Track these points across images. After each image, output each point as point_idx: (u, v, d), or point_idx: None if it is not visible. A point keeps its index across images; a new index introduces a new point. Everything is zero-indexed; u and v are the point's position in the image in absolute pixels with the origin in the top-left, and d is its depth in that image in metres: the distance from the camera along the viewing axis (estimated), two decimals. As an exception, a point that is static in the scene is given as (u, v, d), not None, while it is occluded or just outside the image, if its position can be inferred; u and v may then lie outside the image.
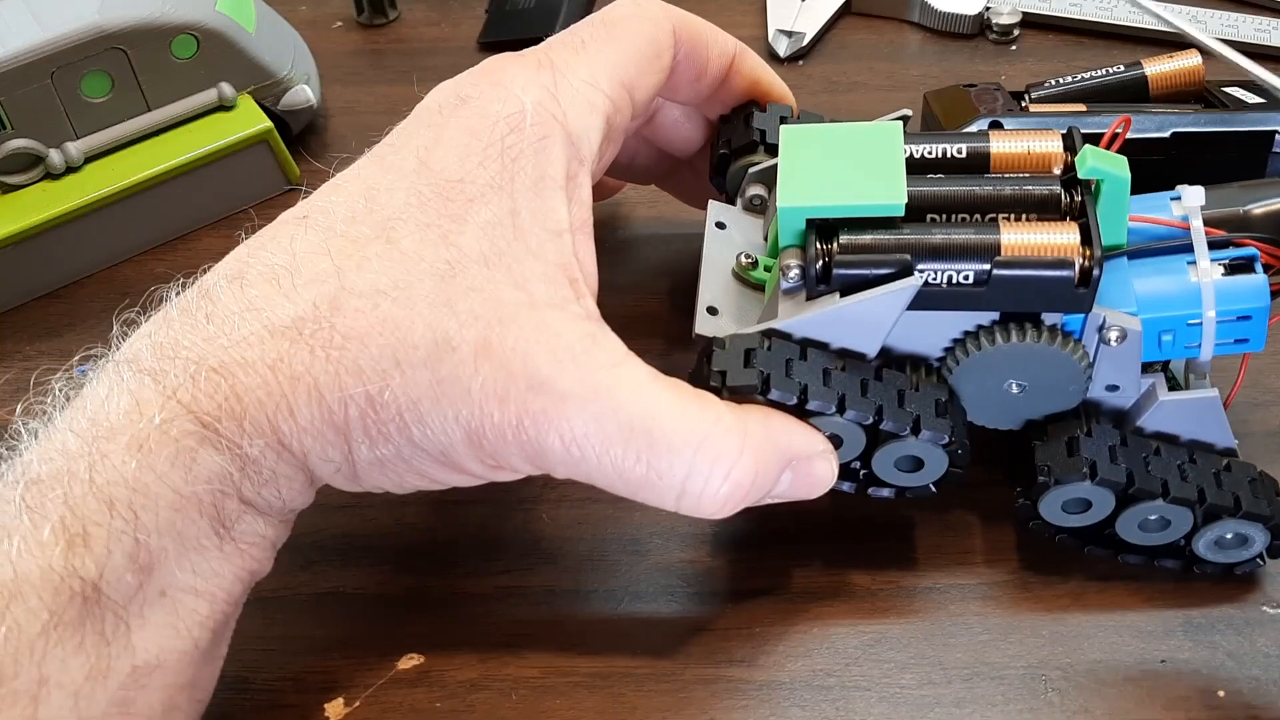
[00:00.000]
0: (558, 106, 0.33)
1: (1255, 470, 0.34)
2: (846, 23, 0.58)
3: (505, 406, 0.29)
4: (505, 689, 0.34)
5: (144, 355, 0.29)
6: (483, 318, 0.29)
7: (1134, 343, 0.32)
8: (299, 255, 0.30)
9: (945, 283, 0.31)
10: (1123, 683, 0.33)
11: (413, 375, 0.29)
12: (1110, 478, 0.33)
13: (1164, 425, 0.34)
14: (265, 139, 0.48)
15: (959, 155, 0.34)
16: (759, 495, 0.31)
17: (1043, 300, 0.31)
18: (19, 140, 0.44)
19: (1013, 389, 0.33)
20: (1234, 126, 0.43)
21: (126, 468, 0.27)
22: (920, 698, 0.33)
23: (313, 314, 0.29)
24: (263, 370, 0.29)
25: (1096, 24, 0.55)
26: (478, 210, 0.31)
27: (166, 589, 0.28)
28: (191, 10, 0.45)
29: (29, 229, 0.45)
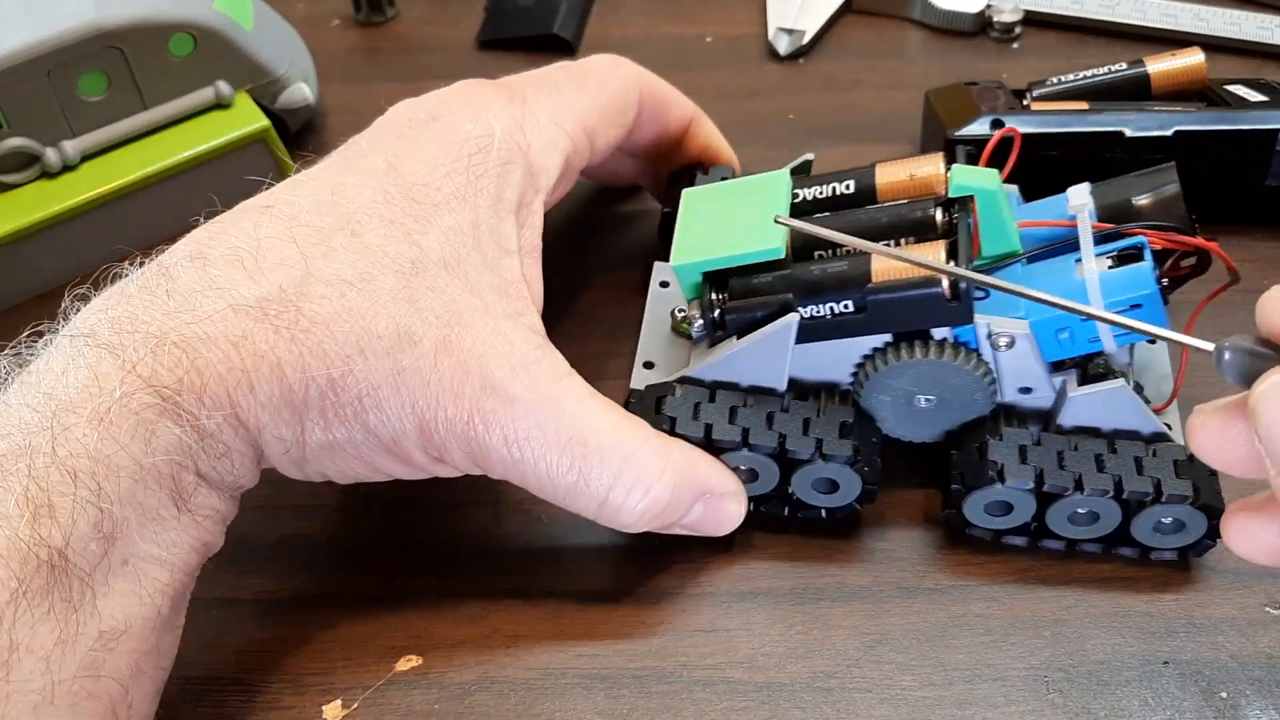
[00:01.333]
0: (524, 137, 0.35)
1: (1185, 452, 0.34)
2: (847, 20, 0.58)
3: (459, 402, 0.31)
4: (504, 690, 0.34)
5: (101, 329, 0.30)
6: (442, 317, 0.31)
7: (1025, 346, 0.33)
8: (263, 240, 0.31)
9: (829, 314, 0.33)
10: (1125, 684, 0.33)
11: (376, 362, 0.31)
12: (1018, 478, 0.34)
13: (1082, 420, 0.35)
14: (263, 137, 0.48)
15: (847, 191, 0.36)
16: (671, 518, 0.34)
17: (922, 318, 0.33)
18: (15, 139, 0.44)
19: (922, 403, 0.35)
20: (1237, 125, 0.43)
21: (89, 440, 0.28)
22: (922, 699, 0.33)
23: (279, 295, 0.30)
24: (225, 346, 0.30)
25: (1099, 22, 0.55)
26: (441, 216, 0.33)
27: (129, 557, 0.29)
28: (188, 8, 0.45)
29: (25, 228, 0.44)
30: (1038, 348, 0.34)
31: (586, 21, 0.58)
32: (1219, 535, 0.33)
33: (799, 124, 0.51)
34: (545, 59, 0.56)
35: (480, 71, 0.44)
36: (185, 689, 0.34)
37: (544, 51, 0.56)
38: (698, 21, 0.58)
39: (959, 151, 0.44)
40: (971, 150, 0.44)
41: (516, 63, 0.56)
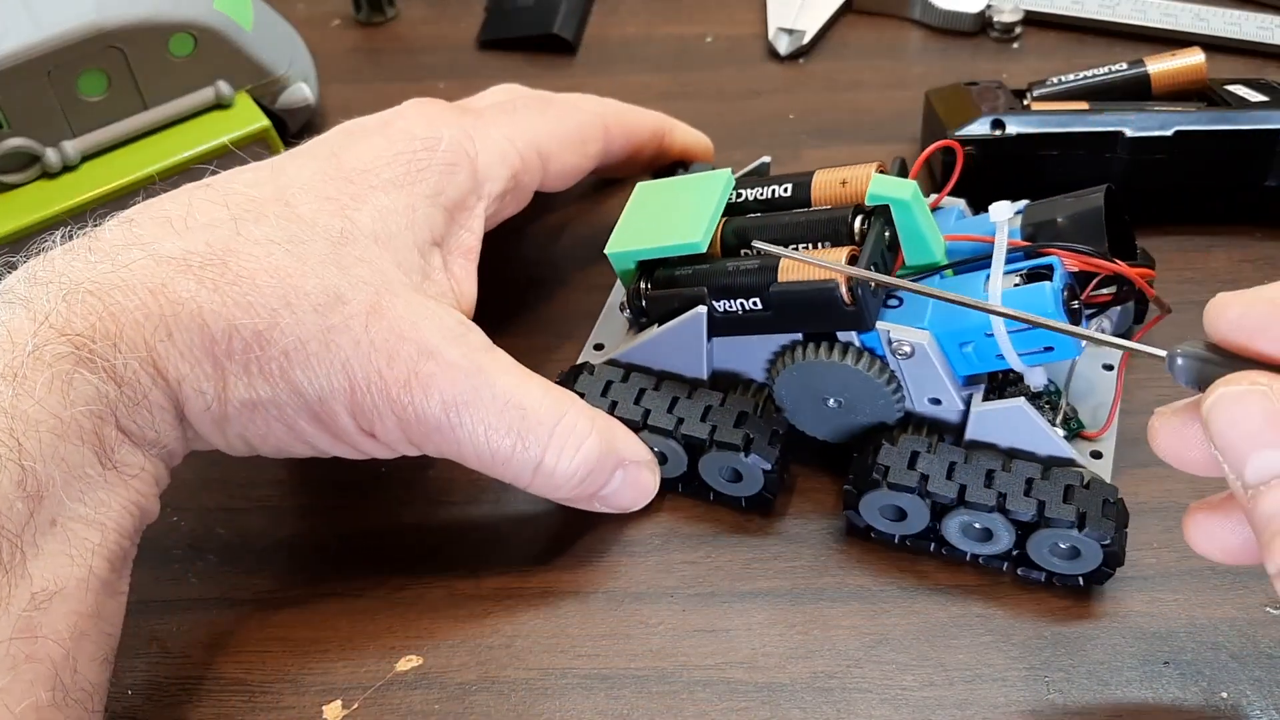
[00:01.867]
0: (472, 146, 0.36)
1: (1082, 478, 0.34)
2: (848, 20, 0.58)
3: (394, 365, 0.31)
4: (504, 690, 0.34)
5: (17, 285, 0.29)
6: (372, 284, 0.31)
7: (924, 356, 0.34)
8: (194, 205, 0.31)
9: (740, 310, 0.34)
10: (1125, 684, 0.33)
11: (303, 318, 0.30)
12: (902, 483, 0.34)
13: (985, 435, 0.35)
14: (263, 137, 0.48)
15: (785, 194, 0.37)
16: (597, 483, 0.35)
17: (823, 319, 0.34)
18: (15, 139, 0.44)
19: (832, 404, 0.36)
20: (1237, 125, 0.43)
21: (3, 396, 0.27)
22: (922, 699, 0.33)
23: (204, 250, 0.30)
24: (142, 293, 0.29)
25: (1099, 22, 0.55)
26: (377, 196, 0.33)
27: (57, 518, 0.28)
28: (189, 8, 0.45)
29: (25, 228, 0.44)
30: (943, 358, 0.34)
31: (586, 21, 0.58)
32: (1117, 565, 0.34)
33: (799, 124, 0.51)
34: (545, 59, 0.56)
35: (481, 71, 0.44)
36: (186, 688, 0.34)
37: (544, 51, 0.56)
38: (698, 21, 0.58)
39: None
40: (972, 151, 0.44)
41: (516, 63, 0.57)
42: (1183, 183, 0.44)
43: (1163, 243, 0.45)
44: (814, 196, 0.36)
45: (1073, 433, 0.36)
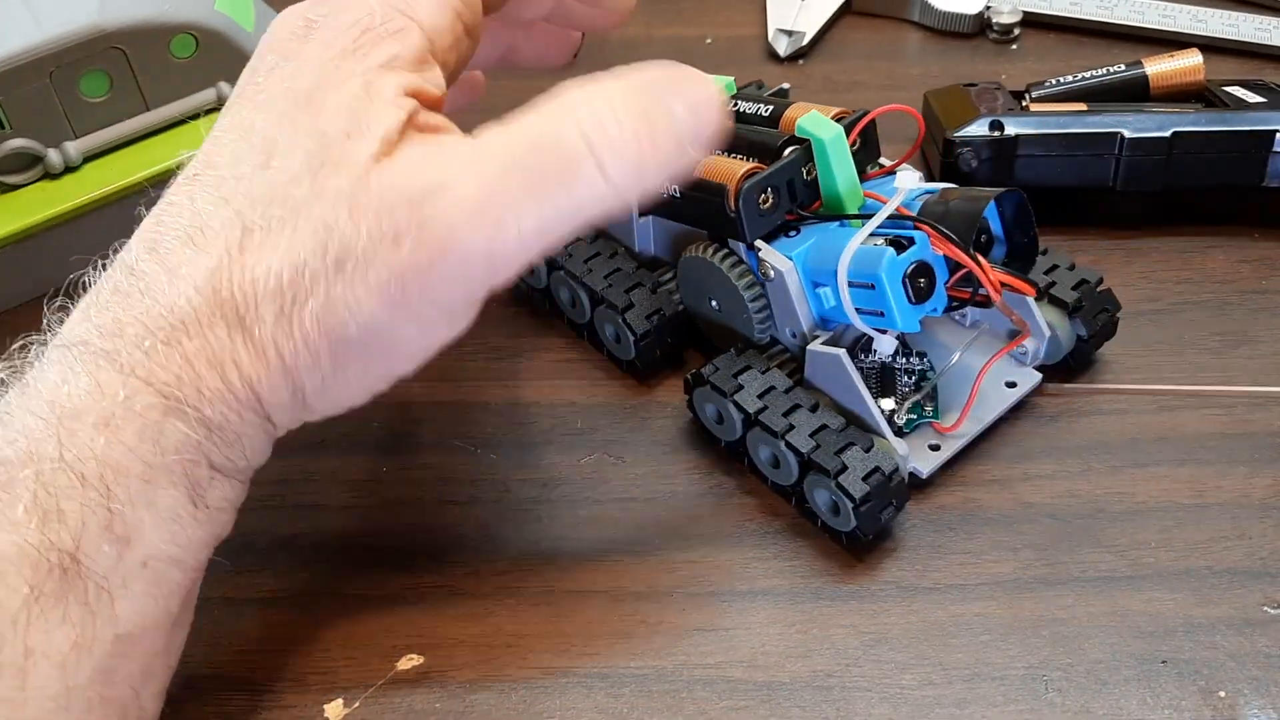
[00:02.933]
0: (405, 3, 0.32)
1: (872, 443, 0.35)
2: (847, 22, 0.58)
3: (400, 243, 0.29)
4: (504, 689, 0.34)
5: (91, 338, 0.29)
6: (344, 189, 0.30)
7: (782, 283, 0.36)
8: (202, 212, 0.31)
9: (665, 195, 0.37)
10: (1124, 683, 0.33)
11: (316, 277, 0.29)
12: (720, 385, 0.37)
13: (815, 377, 0.37)
14: (264, 138, 0.48)
15: (763, 114, 0.39)
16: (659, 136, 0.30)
17: (712, 222, 0.37)
18: (17, 140, 0.44)
19: (713, 304, 0.39)
20: (1234, 126, 0.43)
21: (95, 444, 0.28)
22: (921, 698, 0.33)
23: (225, 261, 0.30)
24: (198, 330, 0.29)
25: (1097, 23, 0.55)
26: (334, 95, 0.31)
27: (148, 560, 0.28)
28: (190, 10, 0.45)
29: (27, 229, 0.45)
30: (802, 292, 0.36)
31: (587, 23, 0.58)
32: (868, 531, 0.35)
33: (799, 125, 0.52)
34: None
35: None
36: (188, 688, 0.34)
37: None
38: (698, 23, 0.58)
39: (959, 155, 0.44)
40: (970, 153, 0.44)
41: (517, 64, 0.57)
42: (1181, 184, 0.44)
43: (1161, 243, 0.46)
44: (782, 123, 0.38)
45: (921, 419, 0.38)
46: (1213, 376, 0.41)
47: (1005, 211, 0.37)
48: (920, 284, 0.34)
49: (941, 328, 0.40)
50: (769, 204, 0.36)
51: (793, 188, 0.37)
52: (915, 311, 0.34)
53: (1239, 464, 0.38)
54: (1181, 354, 0.41)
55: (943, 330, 0.40)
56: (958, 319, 0.40)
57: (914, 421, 0.38)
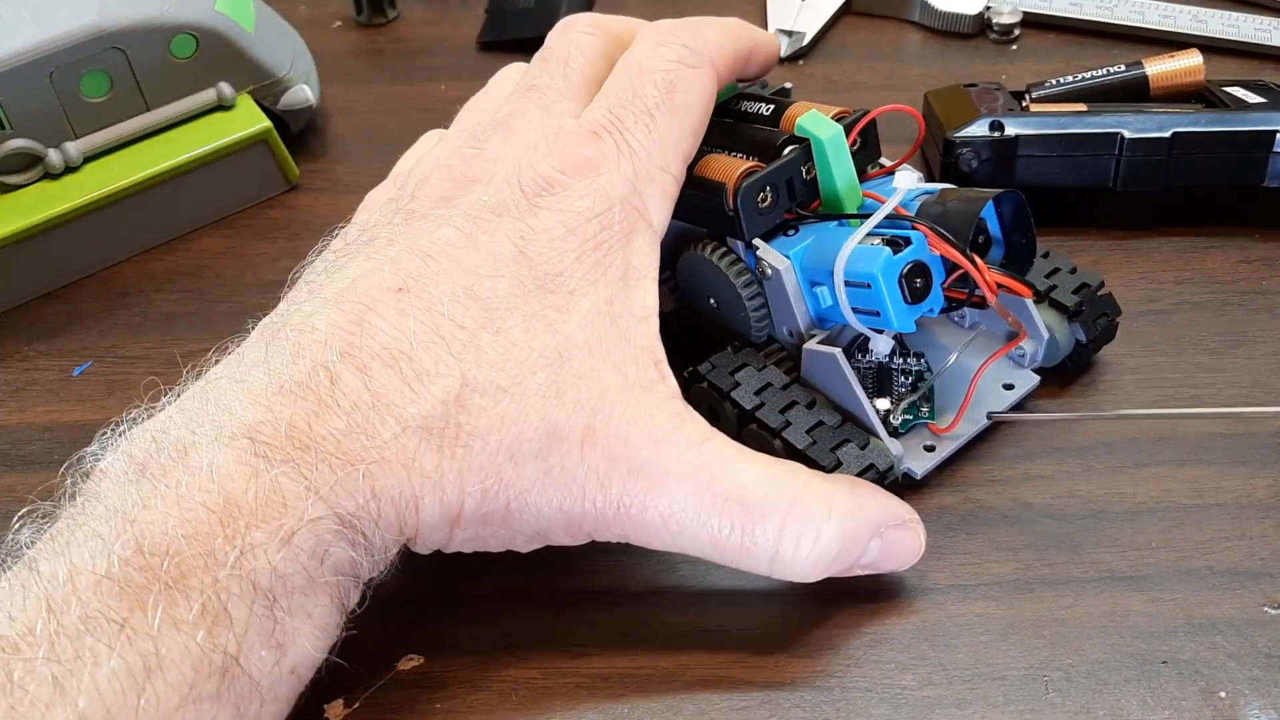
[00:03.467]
0: (640, 200, 0.35)
1: (868, 441, 0.35)
2: (847, 22, 0.58)
3: (607, 490, 0.31)
4: (505, 690, 0.34)
5: (275, 436, 0.29)
6: (587, 405, 0.32)
7: (779, 281, 0.36)
8: (414, 340, 0.31)
9: None
10: (1124, 683, 0.33)
11: (524, 467, 0.31)
12: (718, 383, 0.37)
13: (812, 375, 0.37)
14: (265, 139, 0.48)
15: (764, 113, 0.39)
16: (848, 560, 0.33)
17: (712, 219, 0.37)
18: (18, 140, 0.44)
19: (710, 303, 0.38)
20: (1235, 126, 0.43)
21: (273, 558, 0.28)
22: (921, 699, 0.33)
23: (440, 411, 0.31)
24: (398, 470, 0.30)
25: (1097, 24, 0.55)
26: (578, 302, 0.33)
27: (297, 666, 0.29)
28: (190, 10, 0.45)
29: (27, 229, 0.45)
30: (799, 291, 0.36)
31: (587, 23, 0.58)
32: None
33: (799, 125, 0.52)
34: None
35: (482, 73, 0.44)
36: (187, 688, 0.34)
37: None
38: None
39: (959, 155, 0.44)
40: (970, 153, 0.44)
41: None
42: (1181, 184, 0.44)
43: (1161, 244, 0.46)
44: (783, 122, 0.38)
45: (917, 419, 0.38)
46: (1213, 377, 0.41)
47: (1003, 213, 0.37)
48: (916, 284, 0.34)
49: (940, 328, 0.40)
50: (767, 203, 0.36)
51: (791, 187, 0.37)
52: (911, 311, 0.34)
53: (1239, 464, 0.38)
54: (1182, 354, 0.41)
55: (941, 331, 0.40)
56: (956, 320, 0.40)
57: (910, 422, 0.38)
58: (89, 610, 0.26)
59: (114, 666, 0.26)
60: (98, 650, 0.26)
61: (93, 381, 0.44)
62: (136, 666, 0.26)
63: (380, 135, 0.53)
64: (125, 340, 0.45)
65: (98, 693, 0.25)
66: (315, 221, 0.49)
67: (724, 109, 0.39)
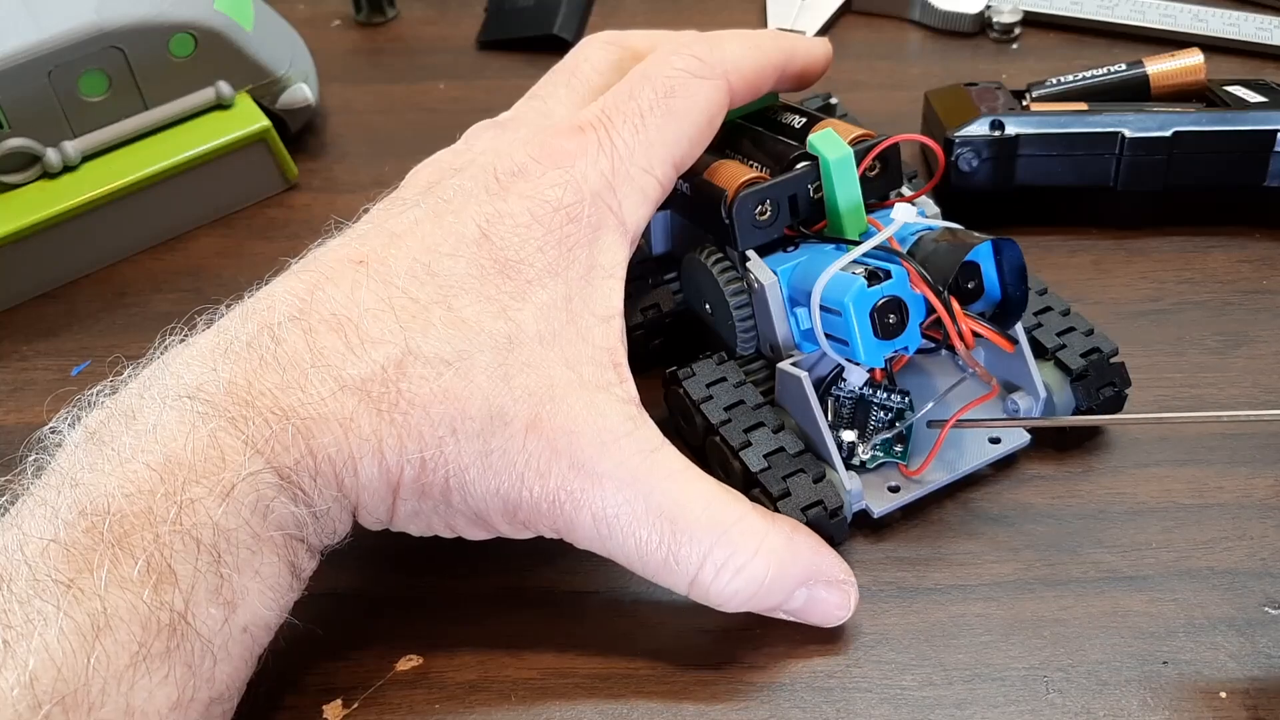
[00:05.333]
0: (614, 198, 0.34)
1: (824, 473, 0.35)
2: (847, 21, 0.58)
3: (545, 481, 0.31)
4: (504, 690, 0.34)
5: (215, 393, 0.30)
6: (535, 395, 0.31)
7: (764, 296, 0.36)
8: (363, 308, 0.31)
9: (679, 188, 0.37)
10: (1124, 684, 0.33)
11: (466, 445, 0.31)
12: (690, 392, 0.37)
13: (782, 396, 0.37)
14: (263, 138, 0.48)
15: (796, 126, 0.39)
16: (768, 603, 0.33)
17: (708, 221, 0.37)
18: (16, 139, 0.44)
19: (705, 307, 0.38)
20: (1235, 125, 0.43)
21: (214, 512, 0.28)
22: (922, 699, 0.33)
23: (380, 375, 0.31)
24: (335, 428, 0.30)
25: (1098, 23, 0.55)
26: (535, 292, 0.33)
27: (249, 625, 0.29)
28: (189, 9, 0.45)
29: (26, 228, 0.44)
30: (782, 308, 0.36)
31: (587, 22, 0.58)
32: None
33: (799, 125, 0.52)
34: (546, 60, 0.56)
35: (481, 72, 0.45)
36: (186, 689, 0.34)
37: (544, 52, 0.56)
38: (698, 22, 0.58)
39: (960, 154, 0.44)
40: (970, 152, 0.44)
41: (517, 63, 0.57)
42: (1181, 184, 0.44)
43: (1162, 243, 0.46)
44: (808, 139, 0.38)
45: (889, 457, 0.37)
46: (1213, 377, 0.41)
47: (1002, 261, 0.35)
48: (889, 320, 0.33)
49: (936, 367, 0.39)
50: (766, 215, 0.36)
51: (795, 203, 0.36)
52: (880, 347, 0.33)
53: (1240, 464, 0.38)
54: (1182, 354, 0.41)
55: (938, 372, 0.39)
56: (960, 364, 0.38)
57: (878, 458, 0.37)
58: (37, 574, 0.27)
59: (62, 626, 0.26)
60: (46, 611, 0.26)
61: (91, 381, 0.43)
62: (85, 625, 0.26)
63: (379, 134, 0.53)
64: (124, 340, 0.45)
65: (47, 653, 0.26)
66: (314, 221, 0.49)
67: (759, 117, 0.39)
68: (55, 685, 0.25)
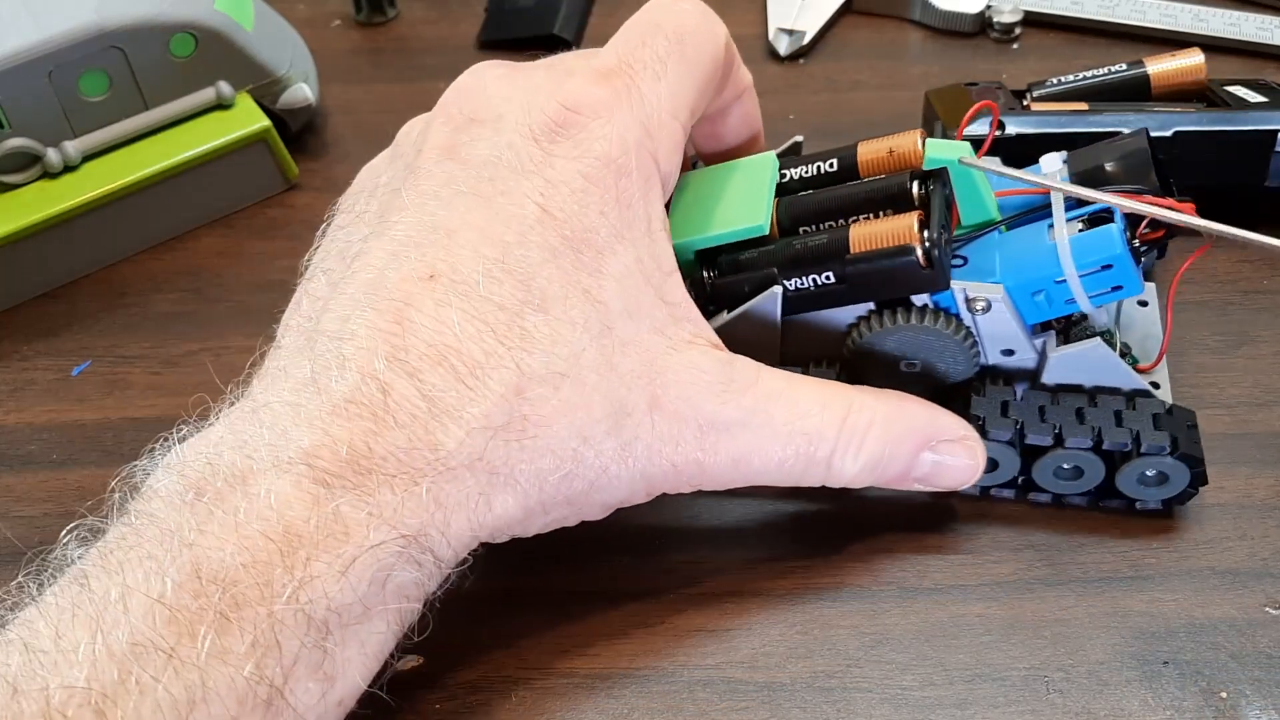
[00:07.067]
0: (653, 145, 0.33)
1: (1165, 406, 0.35)
2: (847, 21, 0.58)
3: (683, 449, 0.32)
4: (505, 690, 0.34)
5: (333, 460, 0.28)
6: (643, 375, 0.31)
7: (1001, 309, 0.34)
8: (459, 332, 0.30)
9: (812, 285, 0.35)
10: (1125, 684, 0.33)
11: (600, 445, 0.31)
12: (999, 431, 0.35)
13: (1064, 378, 0.36)
14: (264, 138, 0.48)
15: (831, 169, 0.37)
16: (894, 469, 0.34)
17: (899, 286, 0.34)
18: (16, 139, 0.44)
19: (906, 368, 0.36)
20: (1236, 125, 0.43)
21: (330, 588, 0.27)
22: (922, 699, 0.33)
23: (502, 407, 0.30)
24: (463, 474, 0.29)
25: (1098, 22, 0.55)
26: (609, 262, 0.32)
27: (344, 699, 0.28)
28: (190, 9, 0.45)
29: (26, 228, 0.44)
30: (1015, 310, 0.35)
31: (587, 22, 0.58)
32: (1202, 484, 0.35)
33: (799, 124, 0.52)
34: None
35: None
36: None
37: (544, 52, 0.56)
38: (698, 22, 0.58)
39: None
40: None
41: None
42: (1181, 183, 0.44)
43: (1162, 243, 0.45)
44: (861, 168, 0.37)
45: (1131, 365, 0.37)
46: (1214, 376, 0.41)
47: None
48: (1135, 246, 0.34)
49: None
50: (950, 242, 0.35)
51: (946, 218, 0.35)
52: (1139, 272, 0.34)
53: (1240, 464, 0.38)
54: (1182, 354, 0.41)
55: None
56: None
57: None
58: (137, 635, 0.25)
59: (159, 698, 0.25)
60: (144, 680, 0.25)
61: (92, 381, 0.44)
62: (181, 699, 0.25)
63: (380, 134, 0.53)
64: (124, 340, 0.45)
65: None
66: (315, 221, 0.49)
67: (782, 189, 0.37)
68: None
